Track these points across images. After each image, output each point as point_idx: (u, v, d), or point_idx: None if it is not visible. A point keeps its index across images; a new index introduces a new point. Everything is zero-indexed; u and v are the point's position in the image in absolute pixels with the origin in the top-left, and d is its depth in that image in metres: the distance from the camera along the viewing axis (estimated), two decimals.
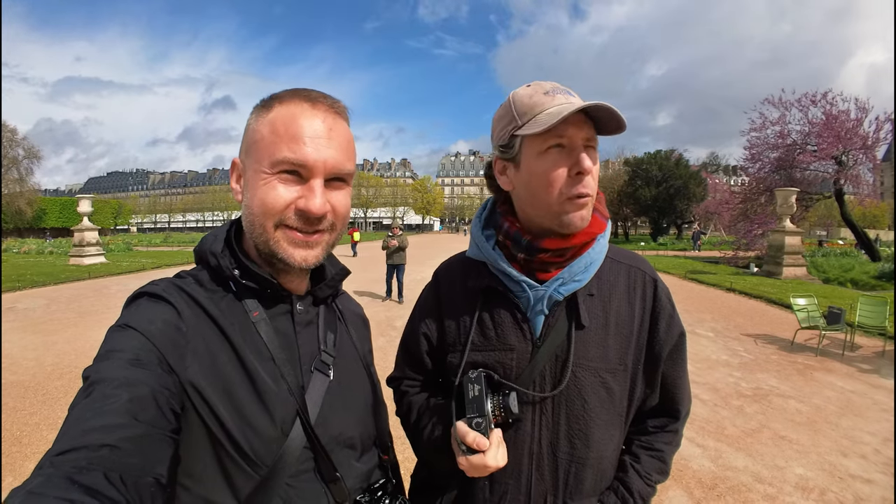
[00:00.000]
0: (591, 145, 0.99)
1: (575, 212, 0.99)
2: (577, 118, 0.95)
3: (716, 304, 11.70)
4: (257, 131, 0.84)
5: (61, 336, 7.92)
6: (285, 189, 0.82)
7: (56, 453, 0.58)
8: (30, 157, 41.71)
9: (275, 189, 0.81)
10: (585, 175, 0.97)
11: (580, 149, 0.97)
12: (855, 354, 7.27)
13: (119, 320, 0.77)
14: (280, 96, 0.86)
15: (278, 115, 0.83)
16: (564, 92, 0.99)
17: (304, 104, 0.84)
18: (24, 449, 4.00)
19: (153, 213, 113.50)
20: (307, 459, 0.85)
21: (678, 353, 1.13)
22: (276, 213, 0.82)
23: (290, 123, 0.82)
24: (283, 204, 0.82)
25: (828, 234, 44.65)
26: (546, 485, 1.05)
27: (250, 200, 0.84)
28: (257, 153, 0.83)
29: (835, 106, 19.57)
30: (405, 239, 11.06)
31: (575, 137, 0.97)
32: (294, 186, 0.82)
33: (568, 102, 0.96)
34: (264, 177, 0.82)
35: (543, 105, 0.97)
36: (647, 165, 44.31)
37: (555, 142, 0.97)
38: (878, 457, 4.06)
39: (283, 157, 0.80)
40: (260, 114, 0.85)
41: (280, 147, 0.81)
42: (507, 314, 1.08)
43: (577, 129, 0.96)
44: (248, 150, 0.86)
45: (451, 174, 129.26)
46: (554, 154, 0.98)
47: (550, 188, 0.99)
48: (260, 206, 0.82)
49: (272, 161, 0.81)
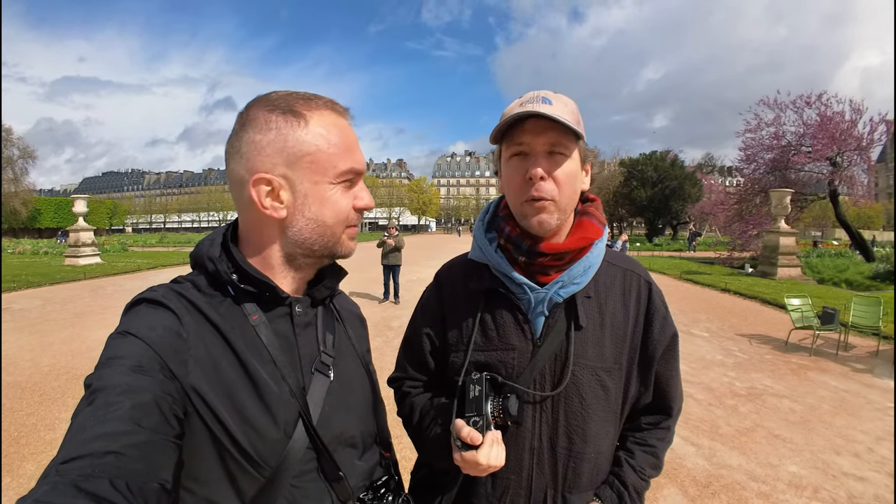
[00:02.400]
0: (556, 151, 1.01)
1: (533, 215, 1.03)
2: (537, 125, 1.00)
3: (711, 304, 11.75)
4: (307, 143, 0.83)
5: (57, 337, 7.88)
6: (345, 195, 0.89)
7: (61, 461, 0.59)
8: (25, 156, 41.49)
9: (343, 197, 0.89)
10: (535, 180, 1.00)
11: (539, 155, 1.01)
12: (849, 354, 7.32)
13: (119, 327, 0.77)
14: (302, 103, 0.85)
15: (322, 126, 0.85)
16: (540, 100, 1.00)
17: (332, 112, 0.88)
18: (21, 450, 3.98)
19: (148, 214, 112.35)
20: (310, 460, 0.86)
21: (671, 353, 1.17)
22: (346, 218, 0.90)
23: (339, 135, 0.86)
24: (349, 208, 0.90)
25: (822, 234, 44.91)
26: (546, 479, 1.08)
27: (318, 213, 0.87)
28: (316, 166, 0.84)
29: (829, 107, 19.71)
30: (401, 239, 11.06)
31: (533, 144, 1.01)
32: (349, 191, 0.90)
33: (523, 110, 0.99)
34: (331, 187, 0.87)
35: (509, 113, 1.02)
36: (643, 166, 44.40)
37: (515, 150, 1.03)
38: (872, 455, 4.10)
39: (350, 167, 0.87)
40: (293, 123, 0.83)
41: (343, 159, 0.86)
42: (509, 315, 1.11)
43: (535, 136, 1.00)
44: (294, 163, 0.83)
45: (446, 175, 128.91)
46: (515, 161, 1.04)
47: (511, 193, 1.07)
48: (334, 215, 0.88)
49: (337, 172, 0.86)
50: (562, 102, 1.02)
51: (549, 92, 1.04)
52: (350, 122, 0.91)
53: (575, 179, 1.05)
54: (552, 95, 1.03)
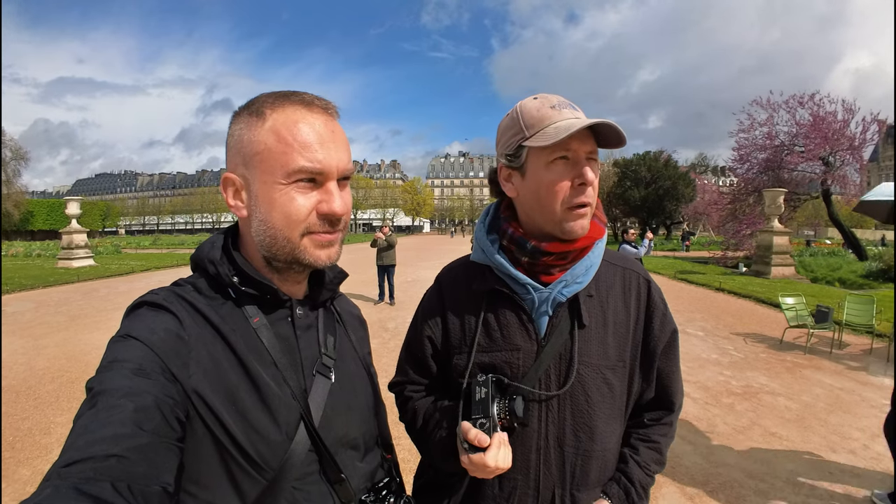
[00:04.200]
0: (592, 158, 1.04)
1: (576, 220, 1.05)
2: (581, 132, 1.00)
3: (705, 303, 11.80)
4: (258, 142, 0.81)
5: (51, 340, 7.84)
6: (304, 197, 0.82)
7: (63, 465, 0.59)
8: (17, 158, 41.28)
9: (294, 199, 0.81)
10: (588, 186, 1.03)
11: (584, 161, 1.03)
12: (843, 352, 7.36)
13: (120, 330, 0.77)
14: (270, 102, 0.84)
15: (279, 123, 0.81)
16: (569, 106, 1.04)
17: (301, 108, 0.83)
18: (17, 454, 3.95)
19: (142, 216, 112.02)
20: (312, 462, 0.86)
21: (671, 349, 1.19)
22: (300, 222, 0.82)
23: (295, 131, 0.81)
24: (306, 212, 0.82)
25: (815, 233, 45.25)
26: (553, 478, 1.09)
27: (267, 214, 0.82)
28: (265, 164, 0.81)
29: (822, 107, 19.78)
30: (394, 237, 11.08)
31: (579, 151, 1.02)
32: (311, 192, 0.83)
33: (574, 117, 1.01)
34: (280, 188, 0.81)
35: (551, 118, 1.02)
36: (637, 167, 44.45)
37: (561, 154, 1.02)
38: (867, 452, 4.13)
39: (300, 166, 0.80)
40: (253, 123, 0.83)
41: (293, 156, 0.80)
42: (513, 315, 1.11)
43: (581, 142, 1.02)
44: (248, 162, 0.83)
45: (440, 175, 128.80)
46: (560, 166, 1.03)
47: (555, 197, 1.04)
48: (283, 218, 0.82)
49: (287, 171, 0.80)
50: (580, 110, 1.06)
51: (565, 99, 1.07)
52: (329, 119, 0.86)
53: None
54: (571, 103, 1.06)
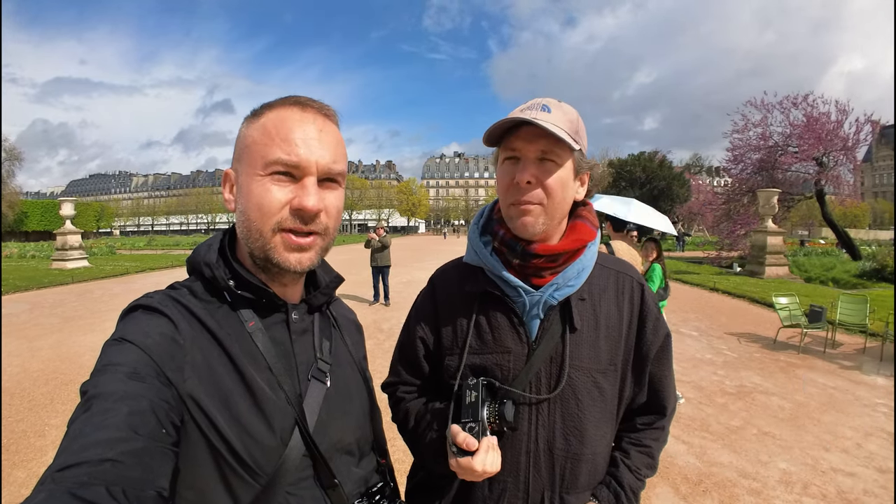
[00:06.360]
0: (548, 158, 1.03)
1: (518, 217, 1.05)
2: (531, 132, 1.01)
3: (700, 303, 11.85)
4: (248, 136, 0.85)
5: (46, 341, 7.80)
6: (279, 190, 0.82)
7: (57, 469, 0.59)
8: (11, 159, 41.05)
9: (269, 190, 0.81)
10: (521, 185, 1.02)
11: (529, 161, 1.02)
12: (836, 352, 7.41)
13: (115, 334, 0.77)
14: (270, 104, 0.87)
15: (269, 120, 0.84)
16: (538, 108, 1.02)
17: (294, 108, 0.85)
18: (11, 457, 3.93)
19: (136, 216, 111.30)
20: (306, 467, 0.86)
21: (664, 354, 1.18)
22: (272, 214, 0.81)
23: (280, 126, 0.82)
24: (279, 204, 0.81)
25: (809, 233, 45.43)
26: (543, 481, 1.09)
27: (245, 205, 0.84)
28: (249, 157, 0.84)
29: (815, 108, 19.95)
30: (388, 238, 11.08)
31: (525, 150, 1.03)
32: (288, 186, 0.82)
33: (521, 117, 1.00)
34: (258, 179, 0.82)
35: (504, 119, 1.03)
36: (631, 167, 44.44)
37: (508, 154, 1.05)
38: (860, 451, 4.16)
39: (277, 157, 0.81)
40: (250, 121, 0.86)
41: (272, 149, 0.81)
42: (504, 318, 1.12)
43: (528, 142, 1.02)
44: (239, 156, 0.86)
45: (435, 176, 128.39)
46: (507, 165, 1.06)
47: (501, 195, 1.09)
48: (256, 208, 0.82)
49: (265, 162, 0.81)
50: (561, 111, 1.03)
51: (552, 100, 1.05)
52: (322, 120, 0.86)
53: (565, 187, 1.05)
54: (554, 104, 1.04)
